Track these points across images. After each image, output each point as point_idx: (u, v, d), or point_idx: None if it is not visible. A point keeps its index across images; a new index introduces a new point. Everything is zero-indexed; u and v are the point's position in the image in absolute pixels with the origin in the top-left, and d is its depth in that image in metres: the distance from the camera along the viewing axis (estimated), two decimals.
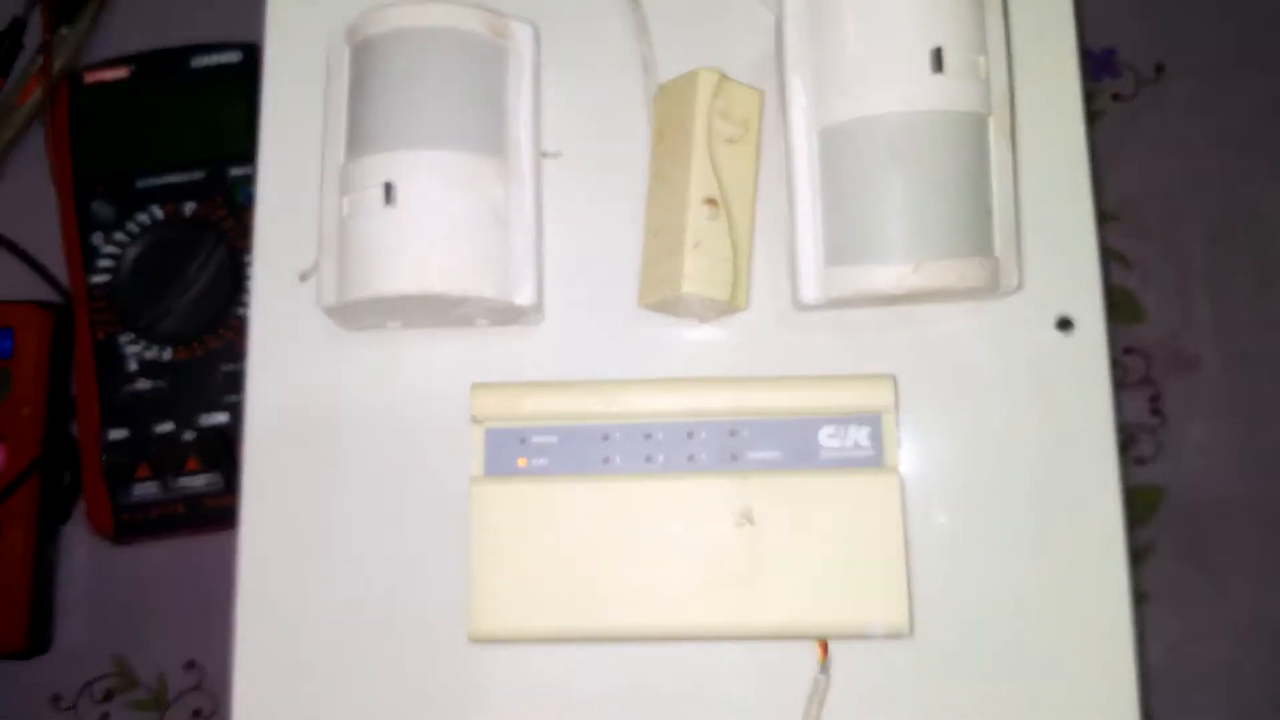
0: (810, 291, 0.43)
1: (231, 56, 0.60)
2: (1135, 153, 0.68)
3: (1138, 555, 0.61)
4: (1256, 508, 0.62)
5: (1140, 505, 0.62)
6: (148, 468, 0.56)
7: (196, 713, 0.59)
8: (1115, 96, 0.68)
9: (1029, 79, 0.47)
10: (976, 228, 0.42)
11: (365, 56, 0.43)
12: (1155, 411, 0.64)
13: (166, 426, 0.56)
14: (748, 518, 0.41)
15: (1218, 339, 0.64)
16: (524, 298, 0.42)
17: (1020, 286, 0.44)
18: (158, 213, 0.58)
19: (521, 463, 0.43)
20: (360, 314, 0.44)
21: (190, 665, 0.60)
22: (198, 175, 0.58)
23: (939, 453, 0.45)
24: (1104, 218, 0.59)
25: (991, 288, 0.42)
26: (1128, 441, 0.64)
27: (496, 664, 0.43)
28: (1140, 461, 0.64)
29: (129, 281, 0.57)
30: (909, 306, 0.45)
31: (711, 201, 0.43)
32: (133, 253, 0.57)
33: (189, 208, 0.58)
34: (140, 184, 0.58)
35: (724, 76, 0.44)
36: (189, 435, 0.56)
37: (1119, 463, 0.46)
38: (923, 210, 0.41)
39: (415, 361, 0.46)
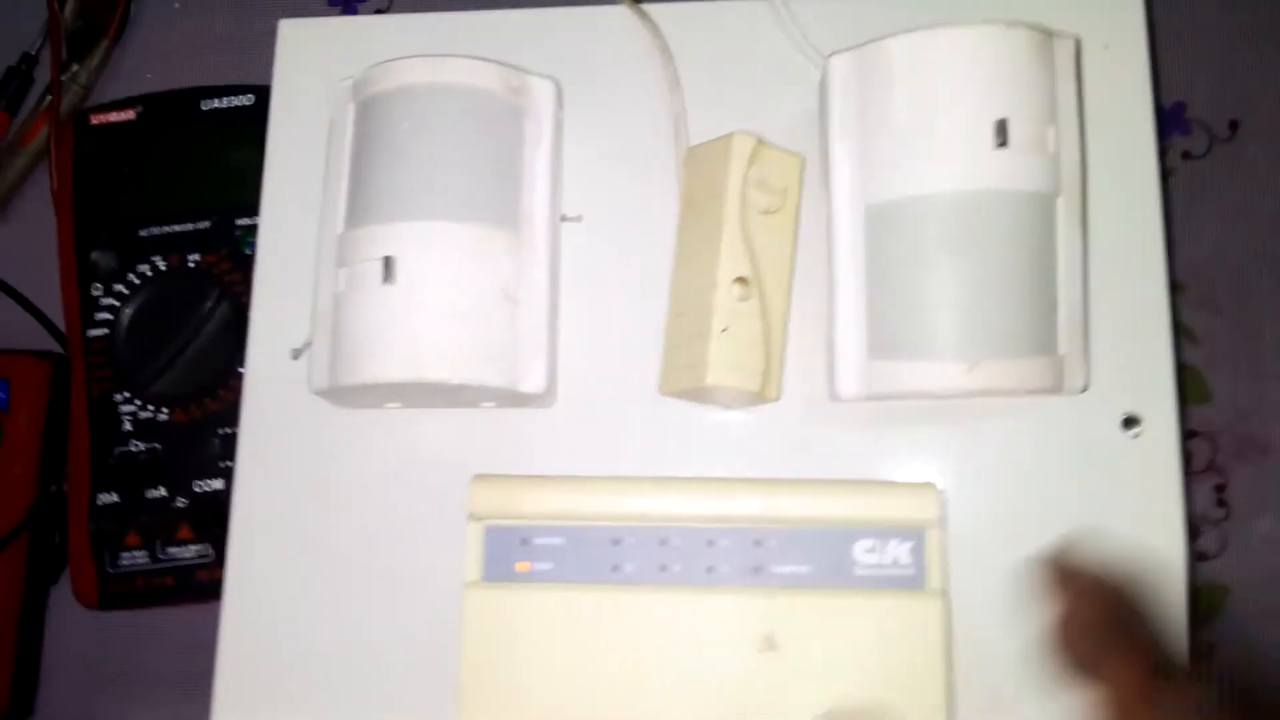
0: (849, 386, 0.39)
1: (243, 100, 0.57)
2: (1206, 216, 0.62)
3: (1197, 659, 0.55)
4: None
5: (1202, 606, 0.57)
6: (137, 535, 0.52)
7: None
8: (1185, 155, 0.63)
9: (1097, 147, 0.42)
10: (1040, 324, 0.37)
11: (370, 114, 0.40)
12: (1221, 503, 0.59)
13: (159, 492, 0.53)
14: (770, 643, 0.37)
15: None
16: (532, 385, 0.39)
17: (1086, 387, 0.39)
18: (160, 264, 0.55)
19: (522, 567, 0.39)
20: (355, 396, 0.40)
21: None
22: (203, 225, 0.55)
23: (988, 569, 0.40)
24: (1170, 288, 0.54)
25: (1055, 390, 0.38)
26: (1190, 535, 0.59)
27: None
28: (1203, 557, 0.58)
29: (126, 337, 0.54)
30: (959, 400, 0.41)
31: (743, 281, 0.39)
32: (132, 307, 0.54)
33: (193, 259, 0.55)
34: (144, 233, 0.55)
35: (761, 141, 0.41)
36: (181, 502, 0.53)
37: (1188, 576, 0.41)
38: (980, 304, 0.36)
39: (414, 444, 0.42)
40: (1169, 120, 0.63)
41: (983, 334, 0.36)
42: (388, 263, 0.37)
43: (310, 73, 0.46)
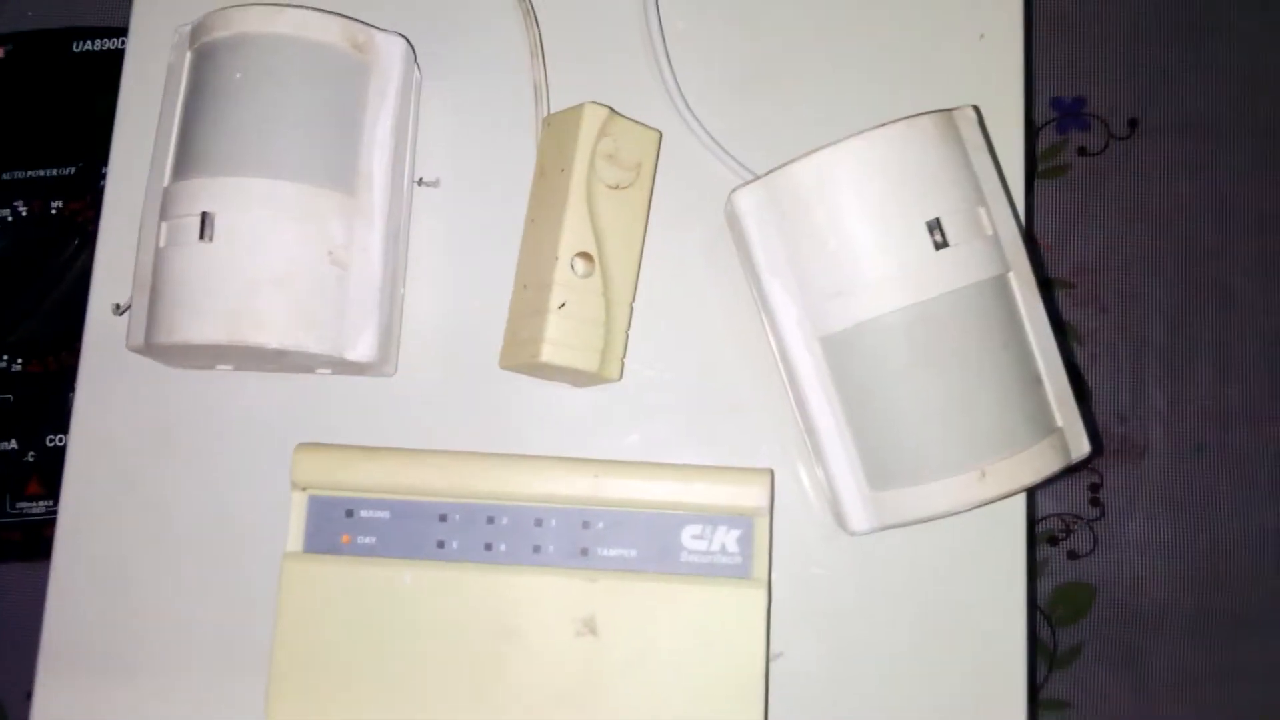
0: (859, 521, 0.37)
1: (116, 43, 0.55)
2: (1098, 215, 0.62)
3: (1062, 659, 0.55)
4: (1196, 617, 0.57)
5: (1069, 605, 0.57)
6: None
7: None
8: (1081, 151, 0.63)
9: None
10: (1033, 405, 0.36)
11: (204, 63, 0.38)
12: (1095, 502, 0.59)
13: (9, 444, 0.51)
14: (590, 627, 0.36)
15: (1170, 428, 0.59)
16: (360, 354, 0.38)
17: (1090, 451, 0.38)
18: (22, 209, 0.53)
19: (345, 539, 0.38)
20: (177, 356, 0.39)
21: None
22: (68, 171, 0.53)
23: (816, 562, 0.40)
24: (1056, 285, 0.54)
25: (1065, 464, 0.36)
26: (1062, 533, 0.59)
27: None
28: (1074, 556, 0.59)
29: None
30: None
31: (586, 257, 0.38)
32: None
33: (56, 206, 0.53)
34: (7, 176, 0.53)
35: (614, 113, 0.39)
36: (32, 456, 0.51)
37: (1027, 580, 0.41)
38: (970, 409, 0.35)
39: (246, 409, 0.41)
40: (1067, 114, 0.62)
41: (982, 438, 0.34)
42: (205, 219, 0.35)
43: (168, 16, 0.44)
